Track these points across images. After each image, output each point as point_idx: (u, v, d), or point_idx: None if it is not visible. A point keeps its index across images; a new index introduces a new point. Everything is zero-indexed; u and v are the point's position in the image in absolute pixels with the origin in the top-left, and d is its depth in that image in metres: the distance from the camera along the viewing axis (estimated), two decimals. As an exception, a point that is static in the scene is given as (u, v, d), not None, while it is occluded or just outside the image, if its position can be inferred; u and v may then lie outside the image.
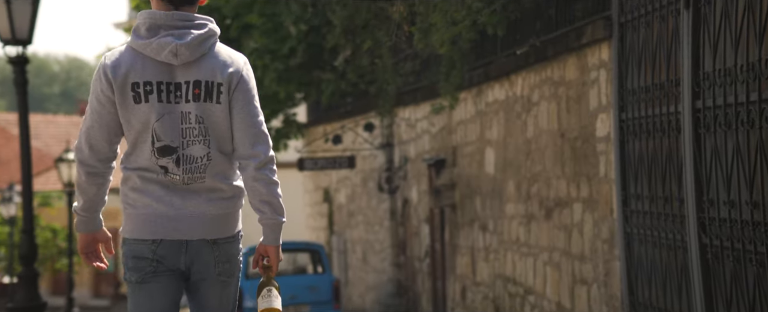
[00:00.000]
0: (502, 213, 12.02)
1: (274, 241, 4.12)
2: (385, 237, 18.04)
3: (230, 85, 4.00)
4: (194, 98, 3.98)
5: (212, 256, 4.09)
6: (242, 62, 4.06)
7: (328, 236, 22.38)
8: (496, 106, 12.06)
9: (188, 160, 4.02)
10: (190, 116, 3.99)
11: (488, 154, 12.45)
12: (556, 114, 10.19)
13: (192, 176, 4.04)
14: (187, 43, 3.94)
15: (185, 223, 4.05)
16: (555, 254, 10.39)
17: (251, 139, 4.02)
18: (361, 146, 18.31)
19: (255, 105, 4.05)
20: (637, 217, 8.45)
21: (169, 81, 3.97)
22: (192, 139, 4.01)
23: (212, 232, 4.07)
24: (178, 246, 4.06)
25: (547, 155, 10.49)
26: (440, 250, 15.06)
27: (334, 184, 21.74)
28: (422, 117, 15.38)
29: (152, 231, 4.06)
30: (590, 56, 9.28)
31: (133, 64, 3.96)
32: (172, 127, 3.99)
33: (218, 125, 4.02)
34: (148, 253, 4.06)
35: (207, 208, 4.06)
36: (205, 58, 3.99)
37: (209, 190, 4.06)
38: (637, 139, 8.35)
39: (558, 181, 10.22)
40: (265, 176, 4.03)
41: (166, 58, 3.94)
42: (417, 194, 16.01)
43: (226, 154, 4.08)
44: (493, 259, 12.57)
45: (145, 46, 3.95)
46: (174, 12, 3.97)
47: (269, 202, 4.06)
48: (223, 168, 4.08)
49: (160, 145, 4.00)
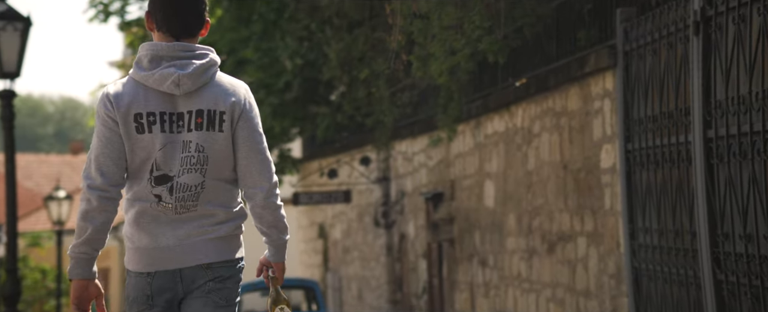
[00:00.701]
0: (503, 247, 11.69)
1: (280, 258, 4.24)
2: (381, 273, 17.69)
3: (233, 114, 4.06)
4: (197, 127, 4.05)
5: (206, 278, 4.10)
6: (244, 90, 4.12)
7: (323, 273, 22.01)
8: (495, 138, 11.76)
9: (181, 188, 4.06)
10: (191, 145, 4.05)
11: (487, 187, 12.13)
12: (558, 145, 9.88)
13: (184, 204, 4.07)
14: (189, 73, 4.01)
15: (177, 252, 4.09)
16: (558, 290, 10.05)
17: (257, 167, 4.08)
18: (357, 180, 17.99)
19: (260, 133, 4.11)
20: (645, 252, 8.13)
21: (171, 111, 4.04)
22: (189, 168, 4.06)
23: (206, 256, 4.09)
24: (171, 276, 4.10)
25: (549, 188, 10.18)
26: (438, 286, 14.70)
27: (330, 220, 21.40)
28: (419, 150, 15.07)
29: (147, 264, 4.10)
30: (593, 85, 8.99)
31: (136, 96, 4.03)
32: (173, 156, 4.05)
33: (219, 153, 4.08)
34: (145, 287, 4.10)
35: (199, 234, 4.09)
36: (207, 88, 4.05)
37: (201, 217, 4.10)
38: (645, 170, 8.05)
39: (561, 214, 9.91)
40: (273, 203, 4.12)
41: (168, 88, 4.01)
42: (414, 229, 15.68)
43: (223, 182, 4.13)
44: (493, 296, 12.23)
45: (148, 77, 4.03)
46: (176, 43, 4.05)
47: (276, 226, 4.16)
48: (217, 195, 4.11)
49: (158, 174, 4.07)
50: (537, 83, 10.12)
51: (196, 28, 4.11)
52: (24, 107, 68.27)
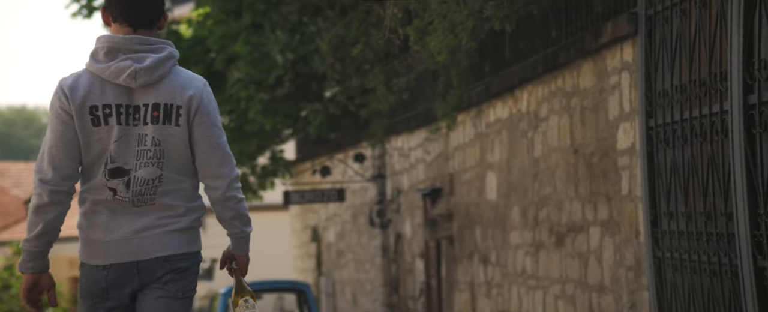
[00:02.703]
0: (506, 243, 10.70)
1: (243, 251, 4.18)
2: (377, 276, 16.68)
3: (190, 108, 4.00)
4: (153, 121, 3.98)
5: (163, 271, 4.03)
6: (202, 85, 4.04)
7: (317, 277, 20.99)
8: (498, 126, 10.78)
9: (139, 182, 4.00)
10: (147, 138, 3.99)
11: (489, 179, 11.15)
12: (569, 128, 8.91)
13: (141, 198, 4.01)
14: (145, 66, 3.94)
15: (135, 245, 4.01)
16: (568, 286, 9.07)
17: (216, 160, 4.03)
18: (351, 179, 16.99)
19: (218, 126, 4.05)
20: (669, 239, 7.14)
21: (128, 104, 3.97)
22: (145, 161, 3.99)
23: (164, 248, 4.03)
24: (128, 268, 4.01)
25: (557, 175, 9.20)
26: (436, 287, 13.70)
27: (323, 222, 20.39)
28: (416, 145, 14.09)
29: (102, 256, 4.02)
30: (609, 59, 8.02)
31: (92, 88, 3.96)
32: (128, 149, 3.98)
33: (176, 147, 4.02)
34: (101, 280, 4.01)
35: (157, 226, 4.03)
36: (164, 81, 3.99)
37: (159, 210, 4.04)
38: (669, 148, 7.06)
39: (571, 203, 8.93)
40: (234, 196, 4.07)
41: (124, 81, 3.94)
42: (411, 228, 14.68)
43: (183, 175, 4.07)
44: (495, 295, 11.23)
45: (104, 70, 3.95)
46: (133, 36, 3.98)
47: (238, 218, 4.11)
48: (176, 189, 4.05)
49: (112, 167, 3.98)
50: (545, 62, 9.15)
51: (153, 20, 4.05)
52: (19, 119, 67.49)
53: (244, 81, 17.01)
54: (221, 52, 17.86)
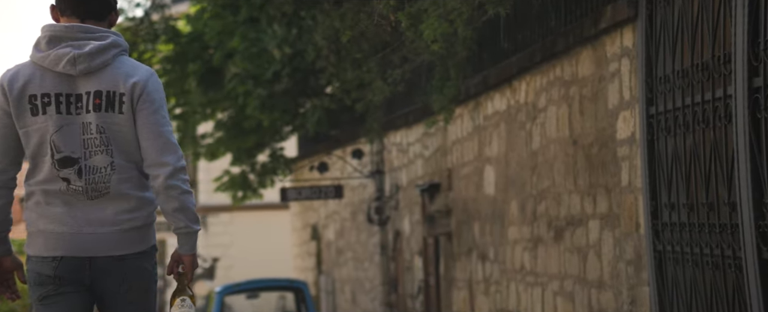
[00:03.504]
0: (504, 238, 10.36)
1: (189, 250, 4.01)
2: (376, 274, 16.34)
3: (133, 96, 3.89)
4: (95, 108, 3.89)
5: (120, 272, 3.95)
6: (148, 73, 3.94)
7: (316, 276, 20.65)
8: (496, 119, 10.44)
9: (90, 170, 3.90)
10: (91, 126, 3.89)
11: (487, 173, 10.81)
12: (567, 118, 8.57)
13: (96, 186, 3.92)
14: (85, 52, 3.85)
15: (89, 240, 3.92)
16: (567, 282, 8.73)
17: (158, 148, 3.91)
18: (350, 175, 16.65)
19: (162, 115, 3.93)
20: (670, 232, 6.80)
21: (69, 92, 3.89)
22: (93, 150, 3.90)
23: (119, 248, 3.94)
24: (80, 263, 3.92)
25: (556, 168, 8.86)
26: (435, 285, 13.37)
27: (323, 220, 20.06)
28: (415, 140, 13.75)
29: (53, 248, 3.92)
30: (609, 45, 7.68)
31: (32, 77, 3.89)
32: (72, 138, 3.89)
33: (122, 135, 3.92)
34: (49, 270, 3.92)
35: (113, 223, 3.93)
36: (108, 69, 3.90)
37: (115, 202, 3.94)
38: (671, 136, 6.73)
39: (570, 196, 8.59)
40: (177, 185, 3.91)
41: (64, 68, 3.86)
42: (409, 225, 14.35)
43: (133, 163, 3.96)
44: (494, 292, 10.89)
45: (44, 58, 3.88)
46: (75, 24, 3.91)
47: (182, 210, 3.94)
48: (129, 177, 3.95)
49: (59, 157, 3.89)
50: (543, 50, 8.81)
51: (102, 13, 3.97)
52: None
53: (241, 76, 16.69)
54: (219, 48, 17.56)
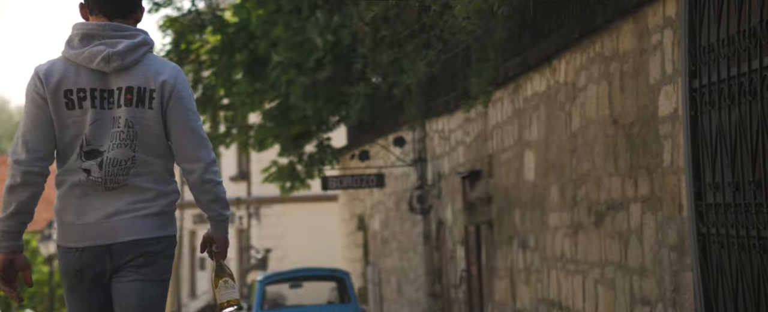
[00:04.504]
0: (544, 225, 9.78)
1: (222, 233, 4.15)
2: (419, 264, 15.79)
3: (163, 93, 3.99)
4: (126, 103, 3.97)
5: (135, 255, 3.98)
6: (176, 71, 4.03)
7: (364, 267, 20.14)
8: (535, 101, 9.85)
9: (111, 162, 3.97)
10: (120, 120, 3.97)
11: (527, 158, 10.22)
12: (607, 97, 7.97)
13: (114, 178, 3.98)
14: (118, 51, 3.96)
15: (107, 228, 3.98)
16: (608, 269, 8.13)
17: (192, 144, 4.01)
18: (394, 164, 16.10)
19: (193, 111, 4.02)
20: (715, 214, 6.20)
21: (102, 88, 3.98)
22: (118, 143, 3.97)
23: (135, 232, 3.98)
24: (102, 252, 3.98)
25: (596, 150, 8.26)
26: (477, 275, 12.80)
27: (369, 210, 19.54)
28: (456, 127, 13.18)
29: (76, 239, 3.99)
30: (651, 16, 7.07)
31: (67, 73, 3.97)
32: (103, 132, 3.97)
33: (149, 130, 3.99)
34: (75, 261, 4.00)
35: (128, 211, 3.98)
36: (139, 66, 3.99)
37: (131, 193, 3.99)
38: (716, 111, 6.11)
39: (610, 179, 7.99)
40: (211, 179, 4.03)
41: (98, 65, 3.96)
42: (452, 214, 13.78)
43: (157, 158, 4.03)
44: (535, 281, 10.31)
45: (78, 55, 3.97)
46: (107, 23, 4.00)
47: (216, 200, 4.07)
48: (149, 171, 4.01)
49: (87, 149, 3.98)
50: (582, 25, 8.22)
51: (129, 11, 4.05)
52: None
53: (283, 65, 16.23)
54: (264, 38, 17.13)
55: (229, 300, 4.16)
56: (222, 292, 4.16)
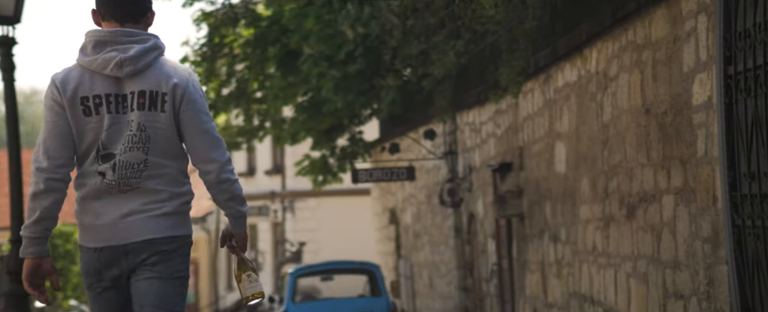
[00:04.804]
0: (576, 218, 9.51)
1: (241, 228, 4.21)
2: (451, 257, 15.55)
3: (175, 96, 4.02)
4: (139, 107, 4.02)
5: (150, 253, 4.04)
6: (187, 73, 4.08)
7: (396, 261, 19.92)
8: (566, 91, 9.58)
9: (124, 165, 4.02)
10: (133, 124, 4.02)
11: (558, 150, 9.96)
12: (639, 86, 7.70)
13: (127, 181, 4.03)
14: (130, 56, 4.00)
15: (123, 229, 4.04)
16: (640, 263, 7.86)
17: (205, 146, 4.05)
18: (425, 157, 15.86)
19: (205, 113, 4.06)
20: (751, 205, 5.92)
21: (117, 93, 4.02)
22: (130, 146, 4.02)
23: (149, 231, 4.04)
24: (118, 251, 4.04)
25: (628, 140, 7.99)
26: (508, 268, 12.54)
27: (400, 204, 19.32)
28: (487, 119, 12.93)
29: (94, 239, 4.07)
30: (684, 1, 6.79)
31: (82, 80, 4.02)
32: (117, 136, 4.03)
33: (162, 132, 4.04)
34: (94, 261, 4.07)
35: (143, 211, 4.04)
36: (151, 70, 4.03)
37: (144, 195, 4.05)
38: (752, 98, 5.84)
39: (642, 170, 7.72)
40: (227, 178, 4.08)
41: (111, 71, 4.00)
42: (483, 207, 13.53)
43: (170, 160, 4.08)
44: (566, 275, 10.05)
45: (92, 62, 4.02)
46: (117, 29, 4.05)
47: (233, 198, 4.13)
48: (161, 173, 4.06)
49: (104, 153, 4.03)
50: (613, 12, 7.94)
51: (138, 14, 4.09)
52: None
53: (314, 57, 16.03)
54: (296, 31, 16.94)
55: (254, 293, 4.23)
56: (246, 286, 4.22)
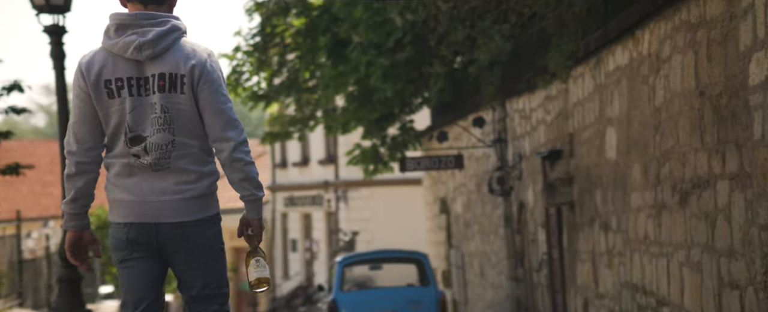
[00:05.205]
0: (626, 206, 9.10)
1: (256, 215, 4.18)
2: (501, 247, 15.17)
3: (193, 77, 4.06)
4: (159, 90, 4.07)
5: (182, 238, 4.14)
6: (206, 54, 4.10)
7: (447, 250, 19.58)
8: (618, 75, 9.17)
9: (154, 147, 4.08)
10: (157, 106, 4.07)
11: (609, 136, 9.55)
12: (693, 67, 7.28)
13: (158, 162, 4.10)
14: (149, 39, 4.04)
15: (154, 207, 4.12)
16: (694, 252, 7.45)
17: (221, 125, 4.08)
18: (475, 145, 15.48)
19: (222, 93, 4.09)
20: (812, 190, 5.50)
21: (138, 76, 4.07)
22: (158, 128, 4.08)
23: (180, 215, 4.12)
24: (147, 228, 4.13)
25: (680, 124, 7.58)
26: (558, 258, 12.15)
27: (451, 193, 18.96)
28: (537, 105, 12.53)
29: (125, 215, 4.15)
30: (740, -24, 6.38)
31: (105, 63, 4.08)
32: (143, 118, 4.08)
33: (184, 113, 4.08)
34: (123, 235, 4.16)
35: (174, 192, 4.11)
36: (170, 53, 4.07)
37: (176, 174, 4.11)
38: (813, 77, 5.42)
39: (696, 155, 7.30)
40: (241, 158, 4.08)
41: (131, 55, 4.05)
42: (533, 195, 13.14)
43: (193, 139, 4.11)
44: (617, 264, 9.64)
45: (114, 45, 4.07)
46: (139, 12, 4.08)
47: (247, 179, 4.11)
48: (189, 154, 4.11)
49: (131, 135, 4.09)
50: (666, -9, 7.53)
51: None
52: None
53: (363, 45, 15.73)
54: (346, 20, 16.67)
55: (259, 278, 4.13)
56: (252, 271, 4.15)
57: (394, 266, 16.11)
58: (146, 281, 4.17)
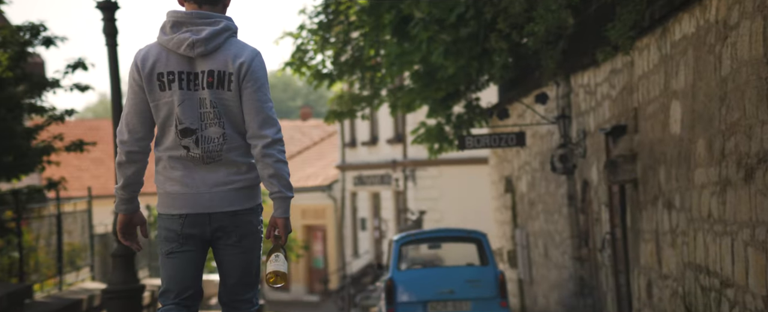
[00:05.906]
0: (690, 183, 8.57)
1: (283, 213, 4.33)
2: (565, 226, 14.66)
3: (239, 74, 4.26)
4: (208, 86, 4.29)
5: (234, 225, 4.35)
6: (252, 55, 4.29)
7: (512, 230, 19.09)
8: (684, 45, 8.62)
9: (206, 140, 4.29)
10: (206, 102, 4.28)
11: (674, 109, 9.01)
12: (761, 34, 6.73)
13: (210, 154, 4.29)
14: (202, 38, 4.26)
15: (207, 198, 4.32)
16: (759, 230, 6.92)
17: (259, 122, 4.28)
18: (539, 123, 14.96)
19: (263, 92, 4.29)
20: None
21: (189, 71, 4.30)
22: (209, 122, 4.28)
23: (233, 204, 4.33)
24: (202, 219, 4.33)
25: (747, 96, 7.04)
26: (621, 237, 11.63)
27: (516, 172, 18.45)
28: (602, 80, 11.98)
29: (179, 206, 4.34)
30: (812, -68, 5.82)
31: (159, 57, 4.30)
32: (192, 112, 4.28)
33: (231, 109, 4.29)
34: (176, 226, 4.36)
35: (226, 183, 4.31)
36: (220, 51, 4.29)
37: (226, 166, 4.32)
38: None
39: (763, 128, 6.77)
40: (272, 155, 4.26)
41: (184, 51, 4.27)
42: (597, 173, 12.61)
43: (241, 134, 4.32)
44: (680, 244, 9.12)
45: (169, 41, 4.29)
46: (194, 11, 4.30)
47: (276, 176, 4.28)
48: (238, 146, 4.32)
49: (182, 128, 4.29)
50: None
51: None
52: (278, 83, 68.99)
53: (425, 21, 15.27)
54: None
55: (276, 271, 4.25)
56: (271, 264, 4.28)
57: (454, 245, 15.68)
58: (191, 272, 4.36)
